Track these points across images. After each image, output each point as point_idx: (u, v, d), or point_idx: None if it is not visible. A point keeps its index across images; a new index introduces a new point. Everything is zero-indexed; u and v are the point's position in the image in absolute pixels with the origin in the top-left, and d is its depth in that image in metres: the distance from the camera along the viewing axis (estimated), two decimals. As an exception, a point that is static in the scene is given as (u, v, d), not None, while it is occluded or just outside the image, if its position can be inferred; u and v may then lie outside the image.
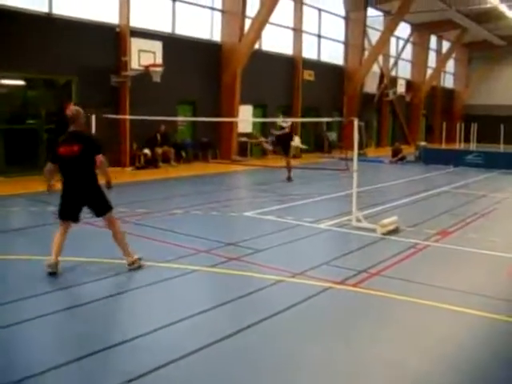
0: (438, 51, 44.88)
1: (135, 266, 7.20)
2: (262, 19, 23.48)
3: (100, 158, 7.16)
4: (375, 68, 34.61)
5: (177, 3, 21.83)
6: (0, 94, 16.59)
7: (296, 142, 27.35)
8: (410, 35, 39.80)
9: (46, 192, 7.47)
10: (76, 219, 7.38)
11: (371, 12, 33.66)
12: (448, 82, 48.89)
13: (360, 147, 11.27)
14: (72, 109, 7.43)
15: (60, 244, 7.11)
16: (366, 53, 33.54)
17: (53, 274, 6.85)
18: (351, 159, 10.54)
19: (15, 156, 16.89)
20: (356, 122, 10.18)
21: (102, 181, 7.36)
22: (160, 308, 6.01)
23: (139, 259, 7.31)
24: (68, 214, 7.25)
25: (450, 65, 48.18)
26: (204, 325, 5.50)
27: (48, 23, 17.31)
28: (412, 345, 5.14)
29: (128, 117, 18.59)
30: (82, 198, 7.22)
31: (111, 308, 5.96)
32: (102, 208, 7.35)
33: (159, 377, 4.37)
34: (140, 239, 8.93)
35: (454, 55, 46.56)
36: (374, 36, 33.95)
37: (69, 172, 7.14)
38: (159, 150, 20.34)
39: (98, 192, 7.32)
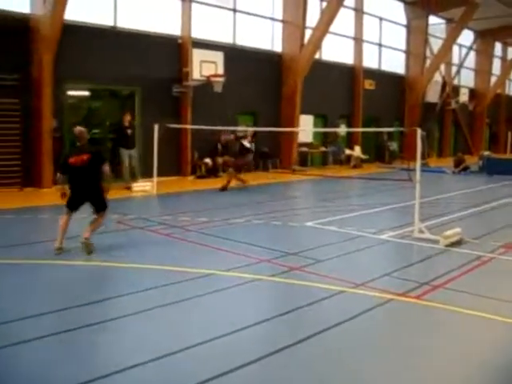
0: (503, 58, 43.82)
1: (87, 243, 8.49)
2: (323, 29, 23.49)
3: (106, 167, 8.84)
4: (437, 77, 34.05)
5: (238, 14, 22.06)
6: (67, 105, 17.08)
7: (356, 151, 27.26)
8: (474, 42, 39.05)
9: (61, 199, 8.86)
10: (77, 210, 8.94)
11: (433, 20, 33.18)
12: (513, 89, 47.71)
13: (422, 157, 11.12)
14: (78, 129, 9.03)
15: (65, 230, 8.69)
16: (428, 61, 33.04)
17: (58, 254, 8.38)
18: (413, 169, 10.42)
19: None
20: (419, 132, 10.07)
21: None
22: (221, 316, 6.04)
23: (92, 244, 8.59)
24: (74, 206, 8.85)
25: (516, 72, 46.96)
26: (265, 334, 5.54)
27: (113, 36, 17.78)
28: (477, 361, 5.04)
29: (189, 126, 18.87)
30: (88, 197, 8.81)
31: (172, 315, 6.03)
32: (101, 207, 8.92)
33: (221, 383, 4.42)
34: (202, 248, 9.06)
35: (519, 62, 45.40)
36: (435, 44, 33.43)
37: (78, 178, 8.67)
38: (220, 160, 20.54)
39: (101, 194, 8.90)
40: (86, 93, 18.35)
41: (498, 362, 5.01)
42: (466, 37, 37.32)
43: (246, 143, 17.35)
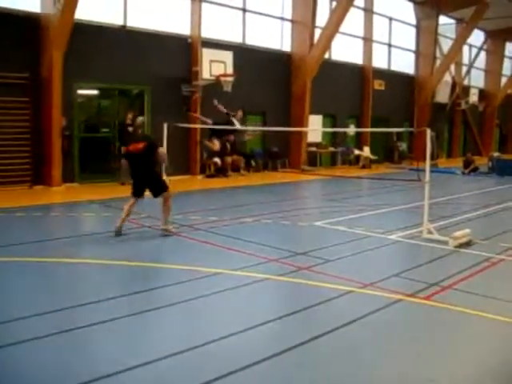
0: (514, 59, 43.65)
1: (166, 233, 9.66)
2: (332, 29, 23.46)
3: (162, 150, 10.28)
4: (447, 77, 33.94)
5: (247, 14, 22.07)
6: (76, 103, 17.15)
7: (366, 152, 27.23)
8: (484, 43, 38.92)
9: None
10: (140, 195, 9.97)
11: (443, 20, 33.08)
12: (523, 90, 47.44)
13: (431, 158, 11.12)
14: (140, 120, 10.90)
15: (129, 212, 9.76)
16: (438, 62, 32.95)
17: (118, 235, 9.50)
18: (422, 170, 10.40)
19: (89, 163, 17.45)
20: (428, 132, 10.05)
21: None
22: (230, 315, 6.07)
23: (171, 230, 9.79)
24: (136, 192, 9.88)
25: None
26: (274, 333, 5.54)
27: (123, 35, 17.84)
28: (485, 362, 5.03)
29: (198, 126, 18.89)
30: (146, 181, 9.80)
31: (182, 313, 6.05)
32: (159, 190, 9.82)
33: (234, 381, 4.43)
34: (212, 247, 9.08)
35: (530, 63, 45.16)
36: (445, 44, 33.32)
37: (136, 164, 9.79)
38: (229, 159, 20.56)
39: (156, 177, 10.02)
40: (96, 91, 18.41)
41: (507, 363, 5.00)
42: (477, 37, 37.18)
43: (235, 121, 17.65)
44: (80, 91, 17.34)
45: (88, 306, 6.07)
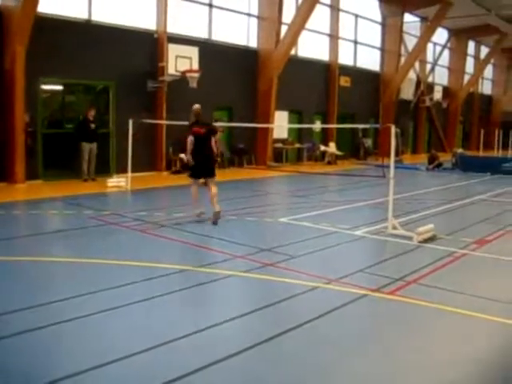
0: (476, 57, 44.33)
1: (219, 216, 10.68)
2: (299, 25, 23.53)
3: (216, 137, 11.37)
4: (412, 74, 34.33)
5: (214, 9, 21.98)
6: (40, 99, 16.87)
7: (331, 148, 27.37)
8: (448, 41, 39.44)
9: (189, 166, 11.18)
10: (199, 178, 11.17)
11: (408, 18, 33.45)
12: (486, 88, 48.26)
13: (396, 154, 11.22)
14: (198, 107, 11.24)
15: (197, 197, 11.11)
16: (403, 59, 33.30)
17: (201, 221, 10.76)
18: (387, 166, 10.48)
19: (53, 160, 17.17)
20: (393, 129, 10.12)
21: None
22: (197, 311, 6.06)
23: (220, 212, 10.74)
24: (197, 174, 11.07)
25: (489, 71, 47.53)
26: (240, 330, 5.53)
27: (87, 30, 17.60)
28: (449, 354, 5.08)
29: (164, 122, 18.78)
30: (204, 163, 10.90)
31: (148, 310, 5.99)
32: (210, 173, 10.99)
33: (195, 380, 4.39)
34: (177, 244, 9.04)
35: (492, 61, 45.90)
36: (410, 42, 33.70)
37: (198, 146, 10.76)
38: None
39: (212, 163, 11.17)
40: (60, 87, 18.13)
41: (468, 354, 5.06)
42: (441, 35, 37.69)
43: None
44: (44, 86, 17.05)
45: (53, 305, 5.97)
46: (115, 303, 6.04)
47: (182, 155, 20.14)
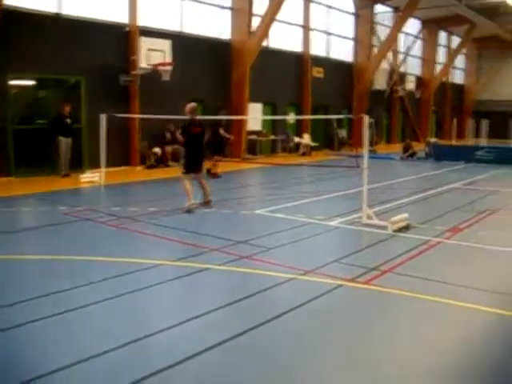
0: (448, 47, 44.69)
1: (210, 205, 11.62)
2: (271, 16, 23.48)
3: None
4: (385, 65, 34.48)
5: (185, 2, 21.83)
6: (10, 95, 16.63)
7: (306, 139, 27.40)
8: (420, 31, 39.68)
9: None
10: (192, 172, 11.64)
11: (380, 8, 33.57)
12: (458, 77, 48.68)
13: (370, 144, 11.25)
14: (193, 105, 11.72)
15: (191, 189, 11.33)
16: (376, 49, 33.45)
17: (190, 211, 11.08)
18: (361, 156, 10.52)
19: (25, 156, 16.92)
20: (366, 119, 10.15)
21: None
22: (172, 306, 6.05)
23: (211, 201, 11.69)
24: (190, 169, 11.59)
25: (460, 60, 47.91)
26: (216, 323, 5.51)
27: (57, 23, 17.35)
28: (424, 343, 5.12)
29: (137, 116, 18.64)
30: (198, 160, 11.89)
31: (124, 305, 5.95)
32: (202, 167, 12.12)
33: (171, 374, 4.38)
34: (152, 238, 8.99)
35: (463, 51, 46.27)
36: (383, 32, 33.83)
37: (195, 144, 11.58)
38: (169, 149, 20.36)
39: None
40: (31, 82, 17.88)
41: (443, 342, 5.10)
42: (413, 25, 37.89)
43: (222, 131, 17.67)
44: (13, 82, 16.79)
45: (35, 301, 5.91)
46: (89, 300, 5.98)
47: (157, 149, 20.07)
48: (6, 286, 6.56)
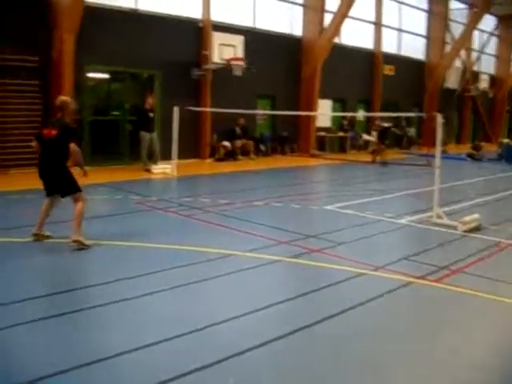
0: (525, 45, 43.35)
1: (77, 246, 7.60)
2: (342, 13, 23.40)
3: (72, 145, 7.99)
4: (457, 63, 33.78)
5: (258, -2, 22.03)
6: (87, 87, 17.20)
7: (374, 137, 27.10)
8: (495, 28, 38.67)
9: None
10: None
11: (454, 5, 32.90)
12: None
13: (442, 143, 11.14)
14: (59, 99, 8.35)
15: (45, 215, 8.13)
16: (448, 47, 32.80)
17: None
18: (432, 155, 10.43)
19: (99, 146, 17.48)
20: (439, 118, 10.07)
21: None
22: (243, 296, 6.17)
23: (83, 243, 7.66)
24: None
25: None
26: (286, 314, 5.62)
27: (134, 18, 17.82)
28: (496, 344, 5.10)
29: (208, 109, 18.94)
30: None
31: (194, 294, 6.12)
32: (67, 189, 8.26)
33: (242, 361, 4.51)
34: (223, 229, 9.17)
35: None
36: (456, 29, 33.14)
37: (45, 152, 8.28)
38: (238, 143, 20.62)
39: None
40: (106, 75, 18.45)
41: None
42: (488, 22, 36.93)
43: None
44: (90, 74, 17.36)
45: (108, 286, 6.18)
46: (161, 286, 6.19)
47: (226, 143, 20.34)
48: (82, 270, 6.87)
